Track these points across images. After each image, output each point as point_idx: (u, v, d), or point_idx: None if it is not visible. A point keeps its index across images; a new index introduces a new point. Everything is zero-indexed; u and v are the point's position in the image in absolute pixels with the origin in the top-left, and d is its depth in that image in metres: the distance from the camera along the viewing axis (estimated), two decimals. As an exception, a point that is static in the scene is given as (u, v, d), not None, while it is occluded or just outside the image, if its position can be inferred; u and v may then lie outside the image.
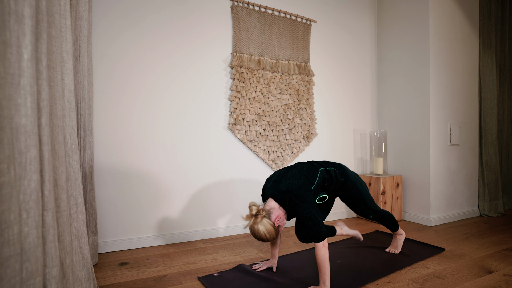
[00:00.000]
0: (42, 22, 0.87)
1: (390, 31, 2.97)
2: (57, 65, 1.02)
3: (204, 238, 2.21)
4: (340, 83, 2.89)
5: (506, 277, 1.53)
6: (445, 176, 2.69)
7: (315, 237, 1.30)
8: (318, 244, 1.30)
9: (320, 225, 1.30)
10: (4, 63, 0.73)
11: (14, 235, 0.73)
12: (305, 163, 1.58)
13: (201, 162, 2.22)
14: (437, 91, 2.65)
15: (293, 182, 1.39)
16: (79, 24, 1.50)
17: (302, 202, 1.33)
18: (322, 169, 1.53)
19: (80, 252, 1.15)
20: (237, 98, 2.29)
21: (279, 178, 1.44)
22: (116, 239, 1.94)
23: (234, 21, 2.31)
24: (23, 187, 0.77)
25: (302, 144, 2.60)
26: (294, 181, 1.40)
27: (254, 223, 1.30)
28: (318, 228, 1.29)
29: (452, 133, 2.73)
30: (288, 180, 1.40)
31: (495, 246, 2.01)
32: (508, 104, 3.28)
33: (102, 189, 1.90)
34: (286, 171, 1.48)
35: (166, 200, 2.09)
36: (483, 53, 2.96)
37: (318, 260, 1.30)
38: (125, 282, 1.48)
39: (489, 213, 2.89)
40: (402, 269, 1.63)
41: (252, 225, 1.31)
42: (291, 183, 1.39)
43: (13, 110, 0.74)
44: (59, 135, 1.01)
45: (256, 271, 1.58)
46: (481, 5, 2.95)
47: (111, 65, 1.93)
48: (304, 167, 1.50)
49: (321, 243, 1.29)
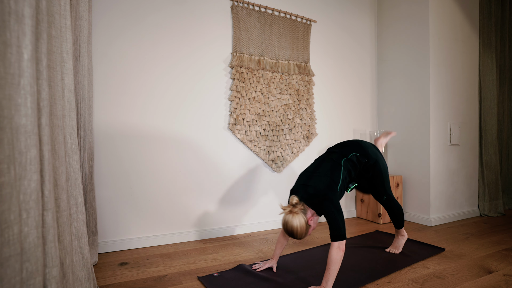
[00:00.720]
0: (42, 22, 0.87)
1: (390, 31, 2.97)
2: (57, 65, 1.02)
3: (204, 238, 2.21)
4: (340, 83, 2.89)
5: (506, 277, 1.53)
6: (445, 176, 2.69)
7: (333, 235, 1.32)
8: (334, 243, 1.31)
9: (339, 225, 1.33)
10: (4, 63, 0.73)
11: (14, 235, 0.73)
12: (327, 159, 1.55)
13: (201, 162, 2.22)
14: (437, 91, 2.65)
15: (319, 185, 1.41)
16: (79, 24, 1.50)
17: (327, 201, 1.37)
18: (344, 159, 1.53)
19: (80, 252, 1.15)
20: (237, 98, 2.29)
21: (306, 181, 1.46)
22: (116, 239, 1.94)
23: (234, 21, 2.31)
24: (23, 187, 0.77)
25: (302, 144, 2.60)
26: (320, 183, 1.42)
27: (291, 212, 1.34)
28: (337, 228, 1.32)
29: (452, 133, 2.73)
30: (315, 183, 1.43)
31: (495, 246, 2.01)
32: (508, 104, 3.28)
33: (102, 189, 1.90)
34: (312, 173, 1.49)
35: (166, 200, 2.09)
36: (483, 53, 2.96)
37: (329, 259, 1.31)
38: (125, 282, 1.48)
39: (489, 213, 2.89)
40: (402, 269, 1.63)
41: (288, 215, 1.34)
42: (318, 186, 1.41)
43: (13, 110, 0.74)
44: (59, 135, 1.01)
45: (256, 271, 1.58)
46: (481, 5, 2.95)
47: (111, 65, 1.93)
48: (328, 166, 1.49)
49: (337, 243, 1.31)
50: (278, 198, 2.53)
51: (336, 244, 1.31)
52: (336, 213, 1.35)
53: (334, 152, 1.60)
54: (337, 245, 1.31)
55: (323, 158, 1.59)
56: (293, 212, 1.34)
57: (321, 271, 1.57)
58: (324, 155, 1.63)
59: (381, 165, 1.68)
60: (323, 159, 1.58)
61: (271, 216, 2.51)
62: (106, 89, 1.92)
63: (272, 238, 2.22)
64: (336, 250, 1.31)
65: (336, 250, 1.31)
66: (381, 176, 1.69)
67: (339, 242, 1.31)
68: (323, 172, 1.46)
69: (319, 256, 1.79)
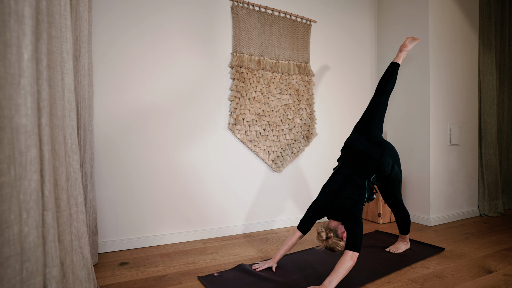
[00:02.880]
0: (42, 22, 0.87)
1: (390, 32, 2.97)
2: (57, 65, 1.02)
3: (204, 238, 2.21)
4: (340, 83, 2.89)
5: (505, 277, 1.53)
6: (445, 176, 2.69)
7: (350, 244, 1.39)
8: (348, 252, 1.36)
9: (357, 238, 1.40)
10: (4, 63, 0.73)
11: (14, 235, 0.73)
12: (350, 182, 1.55)
13: (201, 162, 2.22)
14: (437, 91, 2.65)
15: (347, 205, 1.49)
16: (79, 24, 1.50)
17: (353, 218, 1.46)
18: (367, 181, 1.58)
19: (80, 252, 1.16)
20: (237, 98, 2.29)
21: (334, 198, 1.54)
22: (116, 239, 1.94)
23: (234, 21, 2.32)
24: (23, 187, 0.77)
25: (302, 144, 2.60)
26: (345, 204, 1.50)
27: (327, 243, 1.46)
28: (355, 240, 1.39)
29: (452, 133, 2.73)
30: (341, 201, 1.51)
31: (495, 246, 2.01)
32: (507, 104, 3.28)
33: (102, 189, 1.90)
34: (338, 192, 1.55)
35: (166, 200, 2.09)
36: (483, 53, 2.96)
37: (340, 263, 1.35)
38: (125, 282, 1.48)
39: (489, 213, 2.89)
40: (402, 269, 1.63)
41: (325, 244, 1.46)
42: (345, 205, 1.50)
43: (13, 110, 0.74)
44: (59, 135, 1.01)
45: (256, 270, 1.58)
46: (481, 5, 2.95)
47: (111, 65, 1.94)
48: (354, 190, 1.53)
49: (351, 252, 1.36)
50: (278, 198, 2.54)
51: (350, 253, 1.36)
52: (358, 228, 1.42)
53: (357, 172, 1.58)
54: (350, 254, 1.36)
55: (346, 178, 1.57)
56: (328, 243, 1.45)
57: (321, 271, 1.57)
58: (346, 170, 1.61)
59: (394, 174, 1.70)
60: (346, 180, 1.57)
61: (271, 216, 2.51)
62: (106, 89, 1.92)
63: (272, 238, 2.22)
64: (348, 258, 1.35)
65: (348, 258, 1.35)
66: (392, 183, 1.75)
67: (352, 253, 1.36)
68: (349, 195, 1.52)
69: (319, 256, 1.79)
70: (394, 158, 1.68)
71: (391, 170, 1.66)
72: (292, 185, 2.60)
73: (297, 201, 2.62)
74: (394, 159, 1.68)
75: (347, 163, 1.63)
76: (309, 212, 1.62)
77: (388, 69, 1.85)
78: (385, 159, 1.60)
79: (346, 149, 1.70)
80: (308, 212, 1.63)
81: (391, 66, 1.85)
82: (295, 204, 2.61)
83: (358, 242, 1.38)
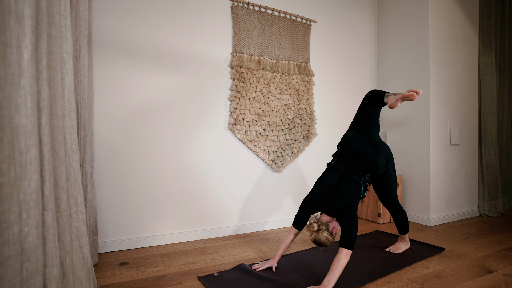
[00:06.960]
0: (42, 22, 0.87)
1: (390, 31, 2.97)
2: (57, 65, 1.02)
3: (204, 237, 2.21)
4: (340, 83, 2.89)
5: (505, 277, 1.53)
6: (445, 176, 2.69)
7: (344, 242, 1.40)
8: (343, 249, 1.38)
9: (352, 236, 1.41)
10: (4, 63, 0.73)
11: (14, 235, 0.73)
12: (347, 178, 1.56)
13: (201, 162, 2.22)
14: (437, 91, 2.65)
15: (342, 202, 1.50)
16: (79, 24, 1.50)
17: (349, 215, 1.48)
18: (363, 179, 1.61)
19: (80, 252, 1.16)
20: (237, 98, 2.29)
21: (330, 195, 1.54)
22: (116, 239, 1.94)
23: (234, 21, 2.32)
24: (23, 187, 0.77)
25: (302, 144, 2.60)
26: (343, 200, 1.51)
27: (317, 234, 1.46)
28: (350, 238, 1.40)
29: (452, 133, 2.73)
30: (339, 198, 1.52)
31: (495, 246, 2.01)
32: (507, 104, 3.28)
33: (102, 189, 1.90)
34: (334, 188, 1.55)
35: (166, 200, 2.09)
36: (483, 53, 2.96)
37: (336, 262, 1.36)
38: (125, 282, 1.48)
39: (489, 213, 2.89)
40: (402, 269, 1.63)
41: (315, 236, 1.46)
42: (342, 202, 1.50)
43: (13, 110, 0.74)
44: (59, 135, 1.01)
45: (256, 270, 1.58)
46: (481, 5, 2.95)
47: (111, 65, 1.94)
48: (351, 187, 1.54)
49: (345, 250, 1.37)
50: (278, 198, 2.53)
51: (344, 251, 1.37)
52: (354, 225, 1.44)
53: (353, 169, 1.59)
54: (345, 252, 1.37)
55: (343, 174, 1.57)
56: (318, 234, 1.45)
57: (321, 271, 1.57)
58: (342, 166, 1.60)
59: (387, 174, 1.72)
60: (343, 176, 1.57)
61: (271, 216, 2.51)
62: (106, 89, 1.92)
63: (272, 238, 2.22)
64: (343, 256, 1.36)
65: (343, 256, 1.36)
66: (385, 182, 1.77)
67: (347, 250, 1.37)
68: (347, 191, 1.53)
69: (319, 256, 1.79)
70: (388, 160, 1.69)
71: (384, 170, 1.69)
72: (292, 185, 2.60)
73: (297, 201, 2.62)
74: (389, 160, 1.70)
75: (343, 159, 1.63)
76: (303, 207, 1.62)
77: (375, 95, 1.67)
78: (379, 160, 1.62)
79: (343, 146, 1.69)
80: (301, 207, 1.63)
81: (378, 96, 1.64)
82: (295, 204, 2.61)
83: (353, 241, 1.40)
